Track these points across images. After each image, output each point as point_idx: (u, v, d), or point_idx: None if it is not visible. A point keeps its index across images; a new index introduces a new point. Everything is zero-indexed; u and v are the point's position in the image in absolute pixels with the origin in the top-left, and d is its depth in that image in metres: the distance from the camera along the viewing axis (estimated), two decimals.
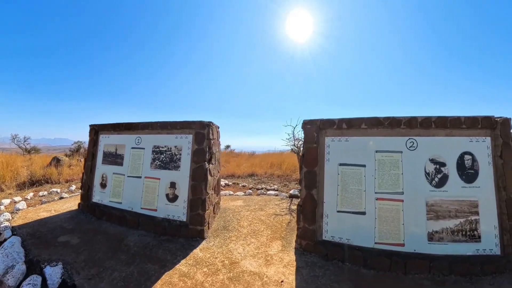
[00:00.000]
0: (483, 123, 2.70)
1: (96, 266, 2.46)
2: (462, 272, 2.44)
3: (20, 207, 4.16)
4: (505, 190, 2.58)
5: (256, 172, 7.59)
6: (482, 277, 2.41)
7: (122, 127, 3.91)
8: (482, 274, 2.44)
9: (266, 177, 7.22)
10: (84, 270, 2.40)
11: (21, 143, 14.03)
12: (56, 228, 3.33)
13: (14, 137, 14.31)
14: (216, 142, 3.55)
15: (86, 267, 2.45)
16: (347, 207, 2.76)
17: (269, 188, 5.83)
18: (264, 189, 5.74)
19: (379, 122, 2.80)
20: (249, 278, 2.23)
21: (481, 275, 2.44)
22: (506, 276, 2.39)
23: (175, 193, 3.24)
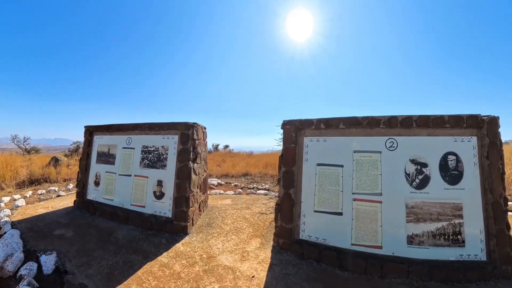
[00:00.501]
0: (469, 122, 2.75)
1: (86, 256, 2.85)
2: (443, 278, 2.46)
3: (19, 204, 4.66)
4: (492, 193, 2.61)
5: (250, 172, 7.95)
6: (465, 284, 2.42)
7: (114, 128, 4.33)
8: (465, 281, 2.45)
9: (259, 176, 7.56)
10: (76, 258, 2.80)
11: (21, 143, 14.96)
12: (52, 223, 3.77)
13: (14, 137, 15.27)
14: (201, 142, 3.90)
15: (78, 256, 2.85)
16: (324, 207, 2.92)
17: (260, 188, 6.16)
18: (255, 189, 6.08)
19: (358, 122, 2.94)
20: (222, 271, 2.54)
21: (464, 282, 2.45)
22: (491, 284, 2.41)
23: (162, 191, 3.62)
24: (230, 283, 2.33)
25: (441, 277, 2.47)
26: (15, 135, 15.53)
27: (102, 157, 4.43)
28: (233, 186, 6.54)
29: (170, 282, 2.36)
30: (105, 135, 4.51)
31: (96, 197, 4.28)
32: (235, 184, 6.74)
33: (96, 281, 2.39)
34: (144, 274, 2.50)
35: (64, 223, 3.78)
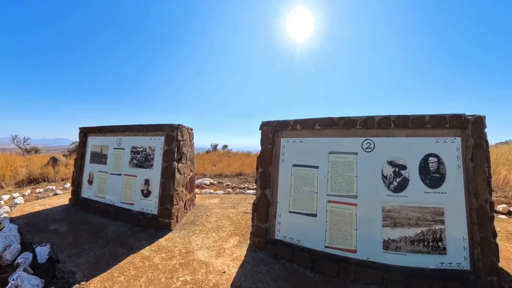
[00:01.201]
0: (452, 122, 2.75)
1: (77, 248, 3.31)
2: (420, 287, 2.48)
3: (18, 202, 5.23)
4: (476, 197, 2.58)
5: (244, 172, 8.35)
6: None
7: (106, 129, 4.81)
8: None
9: (252, 176, 7.94)
10: (67, 250, 3.26)
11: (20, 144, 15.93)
12: (48, 219, 4.28)
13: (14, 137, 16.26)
14: (187, 143, 4.31)
15: (69, 248, 3.31)
16: (299, 208, 3.13)
17: (250, 188, 6.57)
18: (246, 188, 6.50)
19: (333, 123, 3.09)
20: (196, 265, 2.92)
21: None
22: None
23: (149, 189, 4.06)
24: (201, 276, 2.71)
25: (419, 285, 2.47)
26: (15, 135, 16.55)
27: (95, 157, 4.93)
28: (225, 186, 7.00)
29: (148, 272, 2.77)
30: (98, 136, 5.01)
31: (89, 195, 4.78)
32: (226, 183, 7.19)
33: (84, 269, 2.83)
34: (126, 264, 2.93)
35: (59, 219, 4.28)
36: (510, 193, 6.11)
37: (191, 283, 2.58)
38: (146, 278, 2.67)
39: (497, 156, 8.73)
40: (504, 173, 7.05)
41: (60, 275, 2.74)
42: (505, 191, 6.29)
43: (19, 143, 16.07)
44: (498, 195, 6.04)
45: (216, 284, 2.57)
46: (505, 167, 7.56)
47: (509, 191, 6.21)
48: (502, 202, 5.45)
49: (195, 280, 2.63)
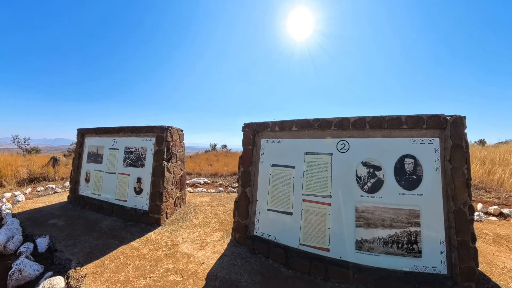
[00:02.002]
0: (430, 122, 2.87)
1: (73, 239, 3.87)
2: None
3: (19, 199, 5.90)
4: (454, 200, 2.68)
5: None
6: None
7: (102, 131, 5.40)
8: None
9: None
10: (64, 241, 3.83)
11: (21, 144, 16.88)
12: (47, 214, 4.88)
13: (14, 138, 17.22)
14: (177, 143, 4.85)
15: (66, 239, 3.87)
16: (276, 206, 3.53)
17: None
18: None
19: (309, 124, 3.44)
20: (179, 256, 3.44)
21: None
22: None
23: (141, 187, 4.60)
24: (182, 265, 3.23)
25: (390, 287, 2.62)
26: (16, 135, 17.52)
27: (92, 157, 5.51)
28: (218, 185, 7.61)
29: (136, 260, 3.30)
30: (94, 137, 5.61)
31: (86, 193, 5.39)
32: (220, 183, 7.76)
33: (79, 257, 3.39)
34: (117, 253, 3.46)
35: (58, 214, 4.88)
36: (504, 194, 6.25)
37: (172, 271, 3.08)
38: (133, 265, 3.19)
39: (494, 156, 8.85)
40: (499, 174, 7.19)
41: (57, 262, 3.30)
42: (499, 192, 6.44)
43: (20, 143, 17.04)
44: (491, 196, 6.22)
45: (194, 272, 3.07)
46: (501, 168, 7.71)
47: (503, 192, 6.36)
48: (494, 204, 5.66)
49: (176, 268, 3.14)
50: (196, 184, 7.74)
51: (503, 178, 7.07)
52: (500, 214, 5.13)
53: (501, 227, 4.40)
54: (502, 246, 3.68)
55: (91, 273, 2.99)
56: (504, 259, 3.32)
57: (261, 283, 2.85)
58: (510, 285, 2.78)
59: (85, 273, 2.99)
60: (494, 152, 9.77)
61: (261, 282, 2.87)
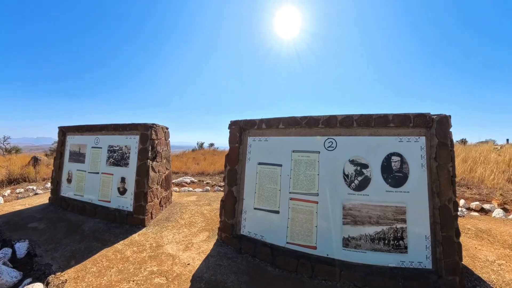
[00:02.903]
0: (416, 121, 2.93)
1: (54, 243, 3.73)
2: (378, 285, 2.66)
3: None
4: (439, 197, 2.75)
5: None
6: None
7: (84, 128, 5.22)
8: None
9: None
10: (45, 245, 3.68)
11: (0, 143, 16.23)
12: (27, 217, 4.70)
13: None
14: (162, 141, 4.73)
15: (47, 243, 3.73)
16: (263, 205, 3.48)
17: None
18: None
19: (296, 122, 3.41)
20: (164, 258, 3.36)
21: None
22: None
23: (125, 187, 4.48)
24: (167, 267, 3.15)
25: (376, 283, 2.66)
26: None
27: (74, 156, 5.34)
28: (205, 184, 7.52)
29: (119, 263, 3.21)
30: (76, 135, 5.42)
31: (68, 194, 5.21)
32: (207, 182, 7.68)
33: (59, 262, 3.26)
34: (99, 257, 3.36)
35: (38, 217, 4.71)
36: (485, 190, 6.53)
37: (156, 273, 3.01)
38: (116, 268, 3.10)
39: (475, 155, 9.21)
40: (480, 171, 7.52)
41: (37, 268, 3.17)
42: (480, 188, 6.72)
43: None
44: (473, 192, 6.47)
45: (179, 274, 3.00)
46: (482, 166, 8.05)
47: (484, 189, 6.64)
48: (476, 200, 5.88)
49: (160, 270, 3.07)
50: (182, 183, 7.65)
51: (483, 175, 7.38)
52: (481, 209, 5.37)
53: (483, 222, 4.54)
54: (483, 240, 3.79)
55: (72, 278, 2.88)
56: (486, 252, 3.42)
57: (247, 283, 2.82)
58: (492, 277, 2.87)
59: (65, 278, 2.88)
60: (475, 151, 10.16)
61: (247, 282, 2.84)
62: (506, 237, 3.85)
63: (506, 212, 5.11)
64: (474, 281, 2.81)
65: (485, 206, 5.43)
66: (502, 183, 6.99)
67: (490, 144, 12.71)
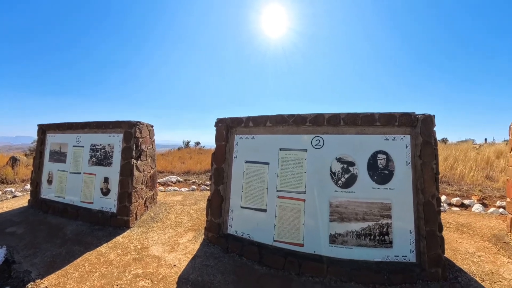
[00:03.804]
0: (402, 120, 3.00)
1: (33, 248, 3.56)
2: (364, 280, 2.69)
3: None
4: (424, 193, 2.84)
5: None
6: (387, 287, 2.63)
7: (65, 126, 5.00)
8: (389, 284, 2.64)
9: None
10: (24, 251, 3.51)
11: None
12: (5, 222, 4.47)
13: None
14: (147, 140, 4.60)
15: (26, 249, 3.55)
16: (250, 204, 3.45)
17: None
18: None
19: (284, 120, 3.39)
20: (149, 260, 3.26)
21: (387, 284, 2.64)
22: (417, 287, 2.63)
23: (108, 187, 4.33)
24: (152, 270, 3.05)
25: (362, 278, 2.71)
26: None
27: (54, 155, 5.11)
28: (191, 183, 7.44)
29: (102, 267, 3.09)
30: (57, 133, 5.19)
31: (49, 196, 4.99)
32: (193, 181, 7.60)
33: (39, 268, 3.11)
34: (82, 261, 3.23)
35: (17, 221, 4.49)
36: (465, 187, 6.82)
37: (141, 276, 2.91)
38: (99, 273, 2.98)
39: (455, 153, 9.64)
40: (460, 169, 7.89)
41: (15, 275, 3.01)
42: (460, 185, 7.00)
43: None
44: (453, 188, 6.72)
45: (165, 276, 2.92)
46: (462, 163, 8.44)
47: (464, 185, 6.93)
48: (456, 195, 6.09)
49: (145, 273, 2.97)
50: (168, 182, 7.53)
51: (463, 172, 7.74)
52: (462, 204, 5.56)
53: (463, 216, 4.68)
54: (464, 234, 3.91)
55: (52, 285, 2.75)
56: (466, 245, 3.53)
57: (234, 283, 2.78)
58: (472, 268, 2.97)
59: (45, 285, 2.75)
60: (455, 150, 10.62)
61: (234, 282, 2.80)
62: (485, 230, 3.98)
63: (485, 207, 5.31)
64: (456, 272, 2.90)
65: (465, 202, 5.63)
66: (481, 179, 7.35)
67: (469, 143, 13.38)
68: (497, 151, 9.86)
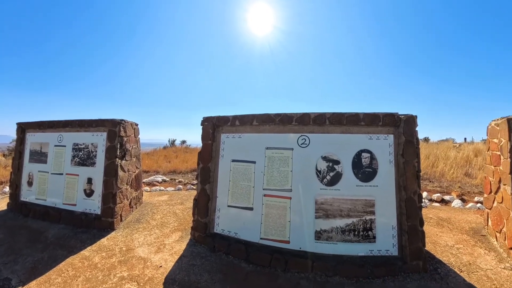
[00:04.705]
0: (385, 120, 3.10)
1: (14, 254, 3.41)
2: (348, 274, 2.77)
3: None
4: (406, 190, 2.96)
5: None
6: (371, 280, 2.70)
7: (46, 125, 4.81)
8: (372, 277, 2.72)
9: None
10: (4, 257, 3.35)
11: None
12: None
13: None
14: (131, 139, 4.50)
15: (5, 255, 3.40)
16: (237, 202, 3.46)
17: None
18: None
19: (270, 119, 3.41)
20: (135, 261, 3.19)
21: (371, 277, 2.72)
22: (398, 279, 2.72)
23: (92, 188, 4.21)
24: (138, 272, 2.99)
25: (347, 272, 2.79)
26: None
27: (35, 155, 4.91)
28: (177, 182, 7.39)
29: (86, 271, 3.00)
30: (38, 132, 4.98)
31: (29, 198, 4.80)
32: (179, 180, 7.54)
33: (20, 275, 2.98)
34: (65, 266, 3.13)
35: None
36: (445, 183, 7.12)
37: (127, 279, 2.85)
38: (83, 277, 2.89)
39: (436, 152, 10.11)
40: (441, 166, 8.26)
41: None
42: (441, 181, 7.30)
43: None
44: (434, 185, 6.99)
45: (151, 278, 2.87)
46: (443, 161, 8.84)
47: (444, 182, 7.24)
48: (437, 192, 6.32)
49: (131, 275, 2.91)
50: (153, 182, 7.43)
51: (444, 170, 8.08)
52: (442, 200, 5.79)
53: (443, 211, 4.87)
54: (444, 228, 4.06)
55: None
56: (446, 238, 3.67)
57: (221, 282, 2.77)
58: (451, 260, 3.12)
59: None
60: (437, 148, 11.10)
61: (221, 281, 2.79)
62: (463, 224, 4.15)
63: (464, 202, 5.54)
64: (436, 264, 3.03)
65: (445, 197, 5.86)
66: (460, 177, 7.70)
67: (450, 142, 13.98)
68: (476, 150, 10.34)
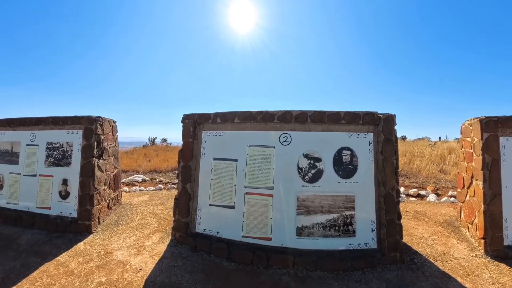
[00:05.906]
0: (365, 119, 3.17)
1: None
2: (329, 268, 2.84)
3: None
4: (384, 186, 3.05)
5: None
6: (351, 273, 2.78)
7: (17, 122, 4.51)
8: (352, 270, 2.81)
9: None
10: None
11: None
12: None
13: None
14: (109, 137, 4.32)
15: None
16: (218, 201, 3.41)
17: None
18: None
19: (252, 117, 3.38)
20: (114, 265, 3.06)
21: (350, 270, 2.81)
22: (377, 270, 2.82)
23: (67, 190, 4.00)
24: (117, 276, 2.87)
25: (327, 266, 2.85)
26: None
27: (5, 156, 4.59)
28: (158, 182, 7.26)
29: (62, 279, 2.84)
30: (8, 130, 4.66)
31: (0, 203, 4.44)
32: (160, 179, 7.40)
33: None
34: (39, 274, 2.94)
35: None
36: (421, 179, 7.49)
37: (105, 284, 2.72)
38: (59, 285, 2.73)
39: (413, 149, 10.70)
40: (417, 163, 8.73)
41: None
42: (417, 177, 7.68)
43: None
44: (411, 181, 7.31)
45: (130, 281, 2.76)
46: (419, 159, 9.34)
47: (420, 178, 7.63)
48: (414, 187, 6.61)
49: (110, 280, 2.78)
50: (133, 182, 7.22)
51: (420, 166, 8.50)
52: (418, 195, 6.05)
53: (419, 206, 5.06)
54: (420, 221, 4.21)
55: None
56: (421, 231, 3.82)
57: (202, 282, 2.71)
58: (427, 250, 3.25)
59: None
60: (413, 146, 11.66)
61: (202, 281, 2.73)
62: (438, 217, 4.32)
63: (438, 197, 5.80)
64: (412, 255, 3.15)
65: (421, 192, 6.12)
66: (435, 173, 8.12)
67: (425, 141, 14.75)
68: (450, 148, 10.88)
